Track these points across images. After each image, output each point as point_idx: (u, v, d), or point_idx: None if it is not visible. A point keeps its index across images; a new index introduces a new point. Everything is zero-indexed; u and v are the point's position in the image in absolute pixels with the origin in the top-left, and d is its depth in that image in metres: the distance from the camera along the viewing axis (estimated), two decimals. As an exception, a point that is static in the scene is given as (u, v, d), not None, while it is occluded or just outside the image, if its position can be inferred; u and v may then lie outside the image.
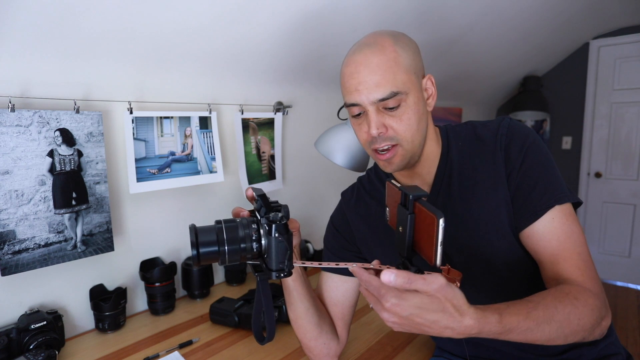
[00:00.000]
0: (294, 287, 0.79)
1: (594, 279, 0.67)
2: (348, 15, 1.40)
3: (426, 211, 0.50)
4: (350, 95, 0.71)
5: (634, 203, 3.11)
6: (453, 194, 0.77)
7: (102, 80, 1.15)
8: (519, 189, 0.72)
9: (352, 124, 0.77)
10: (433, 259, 0.49)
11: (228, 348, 1.05)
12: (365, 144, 0.75)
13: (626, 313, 2.69)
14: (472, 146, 0.78)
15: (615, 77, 3.10)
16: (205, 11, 1.11)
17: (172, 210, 1.37)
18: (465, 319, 0.49)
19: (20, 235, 0.99)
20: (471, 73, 2.64)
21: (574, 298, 0.60)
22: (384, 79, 0.67)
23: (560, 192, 0.70)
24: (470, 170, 0.76)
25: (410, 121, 0.71)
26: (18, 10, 0.86)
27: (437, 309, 0.48)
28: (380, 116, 0.70)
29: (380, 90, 0.68)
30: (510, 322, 0.53)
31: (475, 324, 0.49)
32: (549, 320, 0.56)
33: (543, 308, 0.57)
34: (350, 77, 0.70)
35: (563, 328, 0.57)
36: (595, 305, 0.62)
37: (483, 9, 1.84)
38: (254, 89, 1.58)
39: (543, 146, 0.74)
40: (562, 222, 0.69)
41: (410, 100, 0.70)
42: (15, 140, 0.97)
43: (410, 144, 0.72)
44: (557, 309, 0.58)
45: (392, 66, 0.68)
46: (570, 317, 0.58)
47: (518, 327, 0.54)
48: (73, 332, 1.15)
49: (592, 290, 0.64)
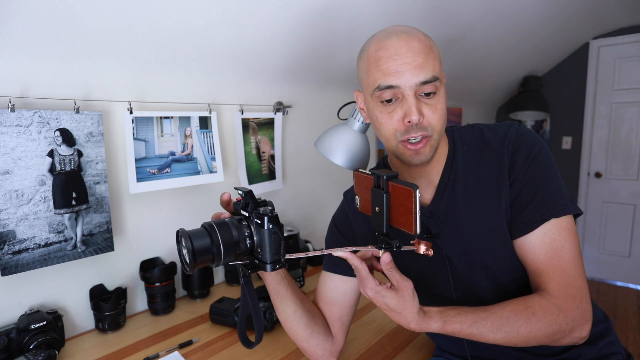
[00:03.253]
0: (278, 290, 0.79)
1: (571, 296, 0.68)
2: (348, 15, 1.40)
3: (401, 187, 0.56)
4: (388, 77, 0.67)
5: (634, 203, 3.11)
6: (457, 198, 0.76)
7: (102, 80, 1.15)
8: (518, 198, 0.72)
9: (377, 112, 0.71)
10: (413, 228, 0.56)
11: (228, 348, 1.05)
12: (394, 134, 0.70)
13: (626, 313, 2.69)
14: (479, 151, 0.77)
15: (615, 77, 3.10)
16: (205, 11, 1.11)
17: (172, 210, 1.37)
18: (411, 323, 0.64)
19: (20, 235, 0.99)
20: (471, 73, 2.64)
21: (532, 314, 0.66)
22: (427, 62, 0.66)
23: (559, 204, 0.70)
24: (476, 176, 0.76)
25: (442, 112, 0.70)
26: (18, 11, 0.86)
27: (397, 309, 0.63)
28: (419, 102, 0.67)
29: (424, 72, 0.66)
30: (453, 329, 0.65)
31: (417, 327, 0.64)
32: (495, 330, 0.65)
33: (494, 319, 0.66)
34: (389, 58, 0.67)
35: (510, 337, 0.66)
36: (555, 321, 0.66)
37: (483, 8, 1.85)
38: (254, 89, 1.58)
39: (549, 156, 0.74)
40: (553, 238, 0.69)
41: (442, 90, 0.70)
42: (15, 140, 0.97)
43: (439, 135, 0.71)
44: (509, 321, 0.65)
45: (430, 52, 0.68)
46: (520, 330, 0.65)
47: (460, 332, 0.65)
48: (73, 332, 1.15)
49: (561, 306, 0.67)
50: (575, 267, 0.69)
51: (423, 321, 0.64)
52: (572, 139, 3.35)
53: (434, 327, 0.65)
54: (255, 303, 0.71)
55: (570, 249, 0.70)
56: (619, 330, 2.41)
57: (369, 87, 0.71)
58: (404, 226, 0.58)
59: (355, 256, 0.64)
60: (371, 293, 0.64)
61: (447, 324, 0.65)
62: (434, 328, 0.65)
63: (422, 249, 0.62)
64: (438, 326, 0.65)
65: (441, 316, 0.65)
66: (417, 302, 0.64)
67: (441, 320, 0.65)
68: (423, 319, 0.64)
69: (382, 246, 0.62)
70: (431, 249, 0.62)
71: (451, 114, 3.06)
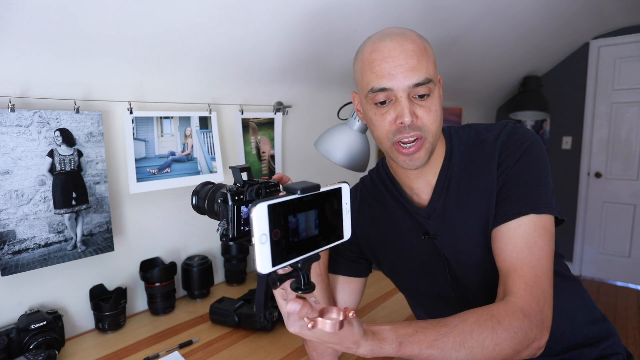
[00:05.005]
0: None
1: (537, 297, 0.64)
2: (348, 15, 1.40)
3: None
4: (381, 80, 0.67)
5: (634, 203, 3.11)
6: (453, 198, 0.76)
7: (102, 80, 1.15)
8: (502, 190, 0.71)
9: (371, 114, 0.72)
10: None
11: (228, 348, 1.05)
12: (387, 135, 0.71)
13: (626, 313, 2.69)
14: (474, 151, 0.77)
15: (615, 77, 3.10)
16: (205, 11, 1.11)
17: (172, 210, 1.37)
18: (360, 349, 0.55)
19: (20, 235, 0.99)
20: (471, 73, 2.64)
21: (497, 322, 0.60)
22: (420, 64, 0.67)
23: (542, 202, 0.69)
24: (468, 176, 0.76)
25: (437, 113, 0.70)
26: (18, 11, 0.86)
27: (335, 342, 0.54)
28: (412, 104, 0.68)
29: (417, 75, 0.66)
30: (411, 351, 0.57)
31: (369, 352, 0.55)
32: (458, 347, 0.58)
33: (456, 334, 0.58)
34: (382, 61, 0.67)
35: (474, 354, 0.59)
36: (521, 328, 0.61)
37: (483, 9, 1.84)
38: (254, 89, 1.58)
39: (540, 153, 0.72)
40: (527, 232, 0.67)
41: (436, 92, 0.70)
42: (15, 140, 0.97)
43: (434, 137, 0.71)
44: (472, 335, 0.59)
45: (424, 54, 0.68)
46: (485, 343, 0.59)
47: (420, 354, 0.57)
48: (73, 332, 1.15)
49: (526, 309, 0.63)
50: (544, 268, 0.67)
51: (374, 345, 0.55)
52: (572, 139, 3.35)
53: (388, 350, 0.56)
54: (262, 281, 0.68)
55: (543, 248, 0.67)
56: (619, 330, 2.42)
57: (364, 89, 0.71)
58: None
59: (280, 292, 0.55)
60: (293, 331, 0.53)
61: (403, 345, 0.56)
62: (389, 351, 0.56)
63: None
64: (393, 349, 0.56)
65: (396, 336, 0.57)
66: (358, 325, 0.54)
67: (396, 342, 0.56)
68: (373, 343, 0.55)
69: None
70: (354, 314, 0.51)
71: (451, 114, 3.06)
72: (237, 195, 0.52)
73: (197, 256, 1.39)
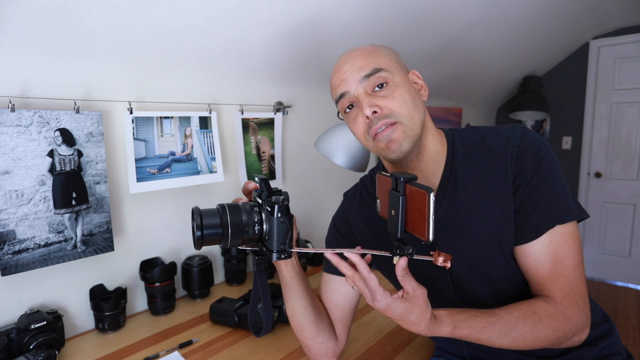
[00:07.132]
0: (291, 284, 0.80)
1: (575, 302, 0.69)
2: (348, 15, 1.40)
3: (417, 190, 0.55)
4: (338, 88, 0.73)
5: (634, 203, 3.11)
6: (458, 203, 0.74)
7: (102, 80, 1.15)
8: (524, 204, 0.71)
9: (347, 122, 0.77)
10: (426, 234, 0.54)
11: (228, 348, 1.05)
12: (364, 135, 0.73)
13: (626, 313, 2.69)
14: (480, 155, 0.75)
15: (615, 77, 3.10)
16: (205, 11, 1.11)
17: (172, 210, 1.37)
18: (421, 326, 0.62)
19: (20, 235, 0.99)
20: (471, 73, 2.64)
21: (538, 320, 0.67)
22: (367, 61, 0.71)
23: (564, 210, 0.69)
24: (477, 181, 0.74)
25: (404, 97, 0.70)
26: (18, 10, 0.86)
27: (411, 318, 0.61)
28: (371, 98, 0.70)
29: (364, 69, 0.71)
30: (462, 334, 0.64)
31: (427, 331, 0.63)
32: (503, 335, 0.65)
33: (502, 324, 0.66)
34: (335, 73, 0.75)
35: (517, 343, 0.66)
36: (561, 328, 0.67)
37: (483, 8, 1.84)
38: (254, 89, 1.58)
39: (554, 160, 0.72)
40: (558, 246, 0.69)
41: (397, 79, 0.71)
42: (15, 140, 0.97)
43: (409, 120, 0.70)
44: (516, 327, 0.66)
45: (372, 54, 0.73)
46: (527, 335, 0.66)
47: (470, 337, 0.65)
48: (73, 332, 1.15)
49: (566, 313, 0.68)
50: (578, 274, 0.70)
51: (434, 326, 0.63)
52: (572, 139, 3.35)
53: (444, 331, 0.64)
54: (265, 291, 0.72)
55: (574, 257, 0.70)
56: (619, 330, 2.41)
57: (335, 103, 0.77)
58: (418, 232, 0.55)
59: (366, 266, 0.61)
60: (382, 306, 0.61)
61: (457, 328, 0.64)
62: (445, 333, 0.64)
63: (440, 260, 0.59)
64: (448, 331, 0.64)
65: (451, 320, 0.64)
66: (430, 308, 0.62)
67: (452, 325, 0.64)
68: (434, 325, 0.63)
69: (397, 252, 0.60)
70: (449, 262, 0.59)
71: (451, 114, 3.06)
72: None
73: (197, 256, 1.39)
